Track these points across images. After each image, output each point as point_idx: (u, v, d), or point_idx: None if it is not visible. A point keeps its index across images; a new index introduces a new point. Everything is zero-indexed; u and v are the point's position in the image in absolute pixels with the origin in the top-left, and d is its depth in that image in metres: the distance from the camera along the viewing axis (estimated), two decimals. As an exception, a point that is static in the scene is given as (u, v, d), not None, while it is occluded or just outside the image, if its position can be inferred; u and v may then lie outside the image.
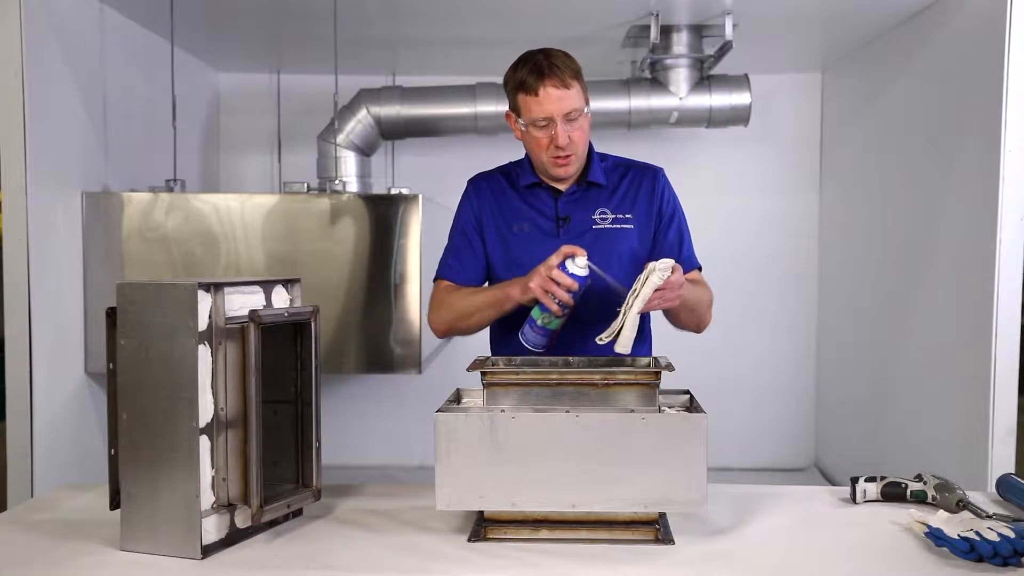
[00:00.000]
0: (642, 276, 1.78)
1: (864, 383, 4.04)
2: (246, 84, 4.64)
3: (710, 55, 3.85)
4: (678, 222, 2.17)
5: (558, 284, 1.82)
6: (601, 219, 2.10)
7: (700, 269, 2.17)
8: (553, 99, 1.96)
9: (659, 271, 1.75)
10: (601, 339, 1.80)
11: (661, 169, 2.19)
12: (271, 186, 4.60)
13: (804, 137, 4.65)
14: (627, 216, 2.11)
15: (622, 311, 1.78)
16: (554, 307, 1.85)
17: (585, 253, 1.85)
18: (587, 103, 2.03)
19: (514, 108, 2.04)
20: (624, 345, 1.78)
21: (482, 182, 2.19)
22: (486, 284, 2.18)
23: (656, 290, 1.76)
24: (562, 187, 2.12)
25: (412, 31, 3.83)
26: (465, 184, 2.21)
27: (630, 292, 1.78)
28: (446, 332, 2.18)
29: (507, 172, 2.19)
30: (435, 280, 2.20)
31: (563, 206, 2.10)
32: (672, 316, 2.06)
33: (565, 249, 1.86)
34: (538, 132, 2.00)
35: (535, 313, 1.90)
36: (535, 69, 1.97)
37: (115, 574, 1.46)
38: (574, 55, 2.03)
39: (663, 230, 2.14)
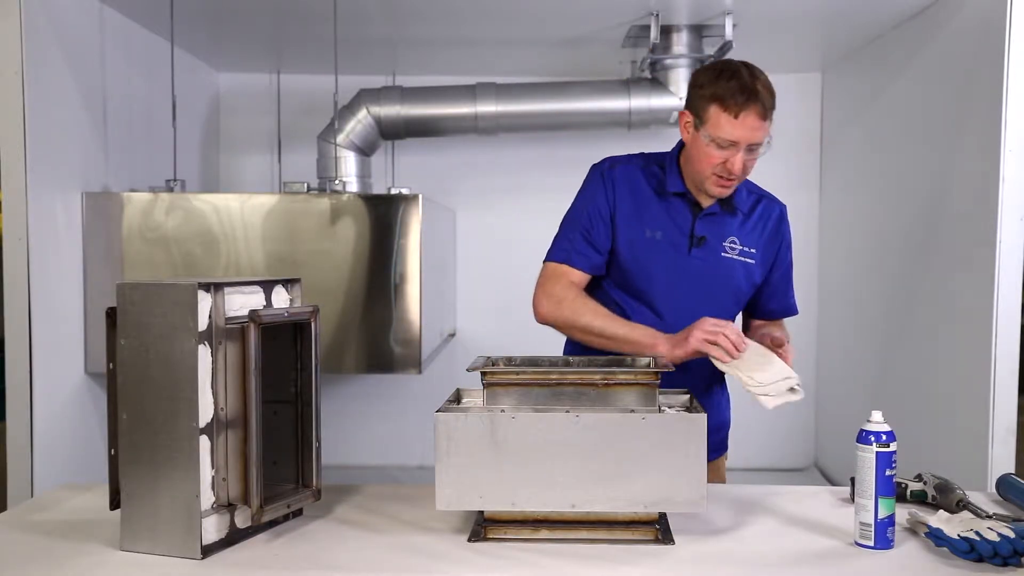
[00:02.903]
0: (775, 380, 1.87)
1: (864, 383, 4.04)
2: (246, 84, 4.64)
3: (710, 55, 3.85)
4: (788, 264, 2.17)
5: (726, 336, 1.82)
6: (730, 248, 2.05)
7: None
8: (748, 128, 1.87)
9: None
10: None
11: (785, 206, 2.16)
12: (271, 186, 4.60)
13: (804, 137, 4.64)
14: (752, 251, 2.08)
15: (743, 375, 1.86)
16: (722, 355, 1.85)
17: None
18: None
19: (699, 114, 1.92)
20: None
21: (621, 174, 2.04)
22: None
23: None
24: (704, 202, 2.03)
25: (412, 31, 3.83)
26: (589, 169, 2.09)
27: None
28: (552, 326, 2.03)
29: (649, 169, 2.06)
30: (552, 262, 2.04)
31: (700, 226, 2.02)
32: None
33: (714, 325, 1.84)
34: (715, 150, 1.90)
35: None
36: (744, 90, 1.85)
37: (115, 574, 1.46)
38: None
39: (775, 270, 2.13)
